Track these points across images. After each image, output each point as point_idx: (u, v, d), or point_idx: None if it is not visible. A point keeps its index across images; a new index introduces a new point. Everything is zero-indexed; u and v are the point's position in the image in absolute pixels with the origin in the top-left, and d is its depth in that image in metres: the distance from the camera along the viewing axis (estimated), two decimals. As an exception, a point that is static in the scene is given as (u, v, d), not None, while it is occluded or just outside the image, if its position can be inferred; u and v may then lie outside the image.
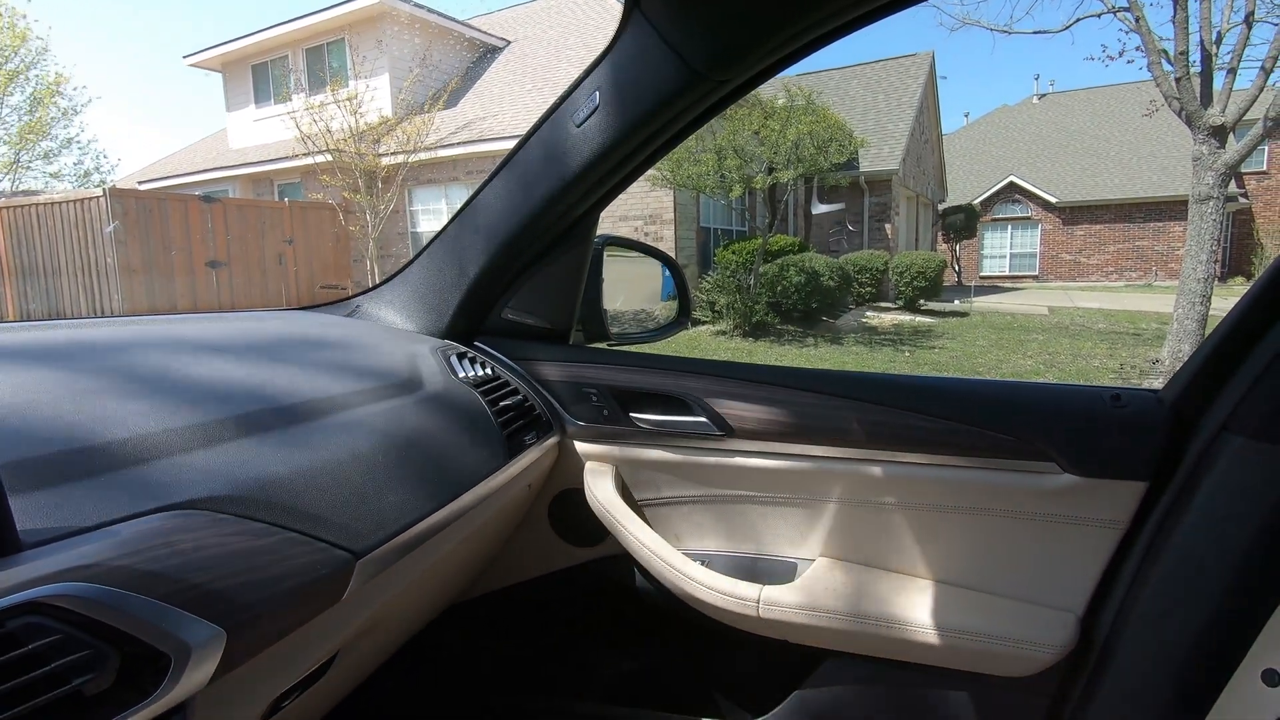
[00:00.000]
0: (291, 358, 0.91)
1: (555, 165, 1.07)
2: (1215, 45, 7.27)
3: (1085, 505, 0.98)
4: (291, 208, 12.02)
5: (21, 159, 18.06)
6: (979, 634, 0.99)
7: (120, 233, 9.52)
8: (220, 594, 0.52)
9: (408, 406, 0.91)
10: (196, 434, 0.63)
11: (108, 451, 0.56)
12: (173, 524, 0.53)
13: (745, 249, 10.36)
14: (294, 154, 11.88)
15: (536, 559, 1.30)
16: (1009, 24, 11.18)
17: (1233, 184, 16.12)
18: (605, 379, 1.18)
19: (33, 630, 0.42)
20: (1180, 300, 7.16)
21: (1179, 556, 0.90)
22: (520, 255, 1.17)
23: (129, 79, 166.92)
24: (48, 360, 0.69)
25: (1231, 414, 0.88)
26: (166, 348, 0.81)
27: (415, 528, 0.77)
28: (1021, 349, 8.83)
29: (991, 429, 1.01)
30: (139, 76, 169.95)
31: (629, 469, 1.21)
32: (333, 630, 0.71)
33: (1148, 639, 0.92)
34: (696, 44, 0.91)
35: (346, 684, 0.92)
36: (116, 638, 0.46)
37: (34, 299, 10.48)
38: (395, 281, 1.25)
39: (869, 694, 1.10)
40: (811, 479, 1.11)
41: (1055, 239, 22.36)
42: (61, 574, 0.44)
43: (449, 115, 12.37)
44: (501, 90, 12.87)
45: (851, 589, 1.07)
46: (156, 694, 0.47)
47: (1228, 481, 0.87)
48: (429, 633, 1.21)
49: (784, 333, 9.82)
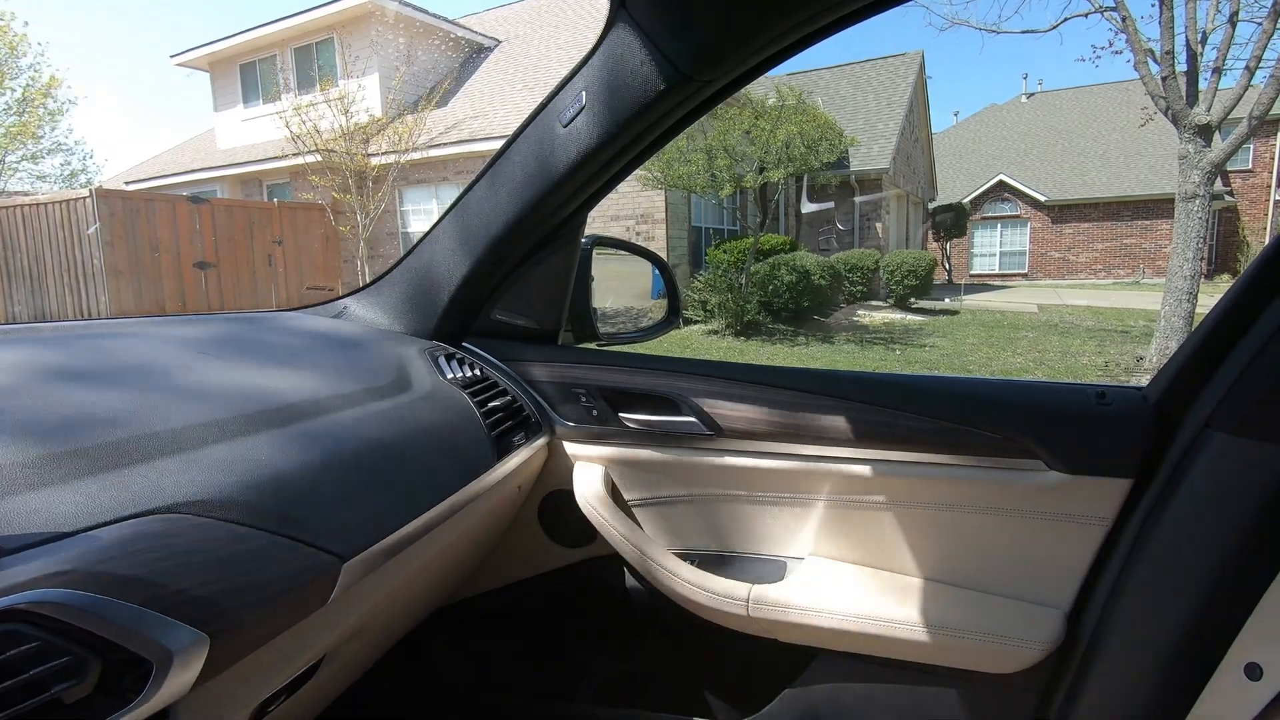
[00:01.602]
0: (277, 360, 0.91)
1: (542, 165, 1.07)
2: (1201, 45, 7.33)
3: (1071, 502, 0.99)
4: (280, 208, 11.94)
5: (8, 161, 17.87)
6: (967, 631, 1.00)
7: (103, 234, 9.43)
8: (203, 599, 0.52)
9: (395, 408, 0.90)
10: (179, 437, 0.63)
11: (88, 456, 0.55)
12: (154, 528, 0.53)
13: (736, 248, 10.38)
14: (283, 154, 11.80)
15: (526, 560, 1.29)
16: (997, 23, 11.27)
17: (1218, 182, 16.28)
18: (594, 379, 1.18)
19: (10, 638, 0.42)
20: (1167, 298, 7.22)
21: (1163, 552, 0.91)
22: (508, 256, 1.17)
23: (115, 78, 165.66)
24: (28, 364, 0.69)
25: (1214, 411, 0.89)
26: (150, 351, 0.81)
27: (402, 530, 0.76)
28: (1011, 347, 8.89)
29: (978, 427, 1.01)
30: (126, 76, 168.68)
31: (618, 469, 1.20)
32: (319, 634, 0.70)
33: (1133, 634, 0.93)
34: (682, 44, 0.91)
35: (335, 687, 0.91)
36: (97, 644, 0.45)
37: (19, 301, 10.38)
38: (383, 283, 1.25)
39: (858, 691, 1.10)
40: (800, 478, 1.11)
41: (1044, 237, 22.50)
42: (40, 580, 0.44)
43: (439, 115, 12.32)
44: (492, 90, 12.84)
45: (840, 587, 1.07)
46: (138, 701, 0.47)
47: (1211, 477, 0.88)
48: (418, 635, 1.20)
49: (775, 332, 9.84)
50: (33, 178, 19.12)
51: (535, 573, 1.30)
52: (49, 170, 21.93)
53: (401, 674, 1.31)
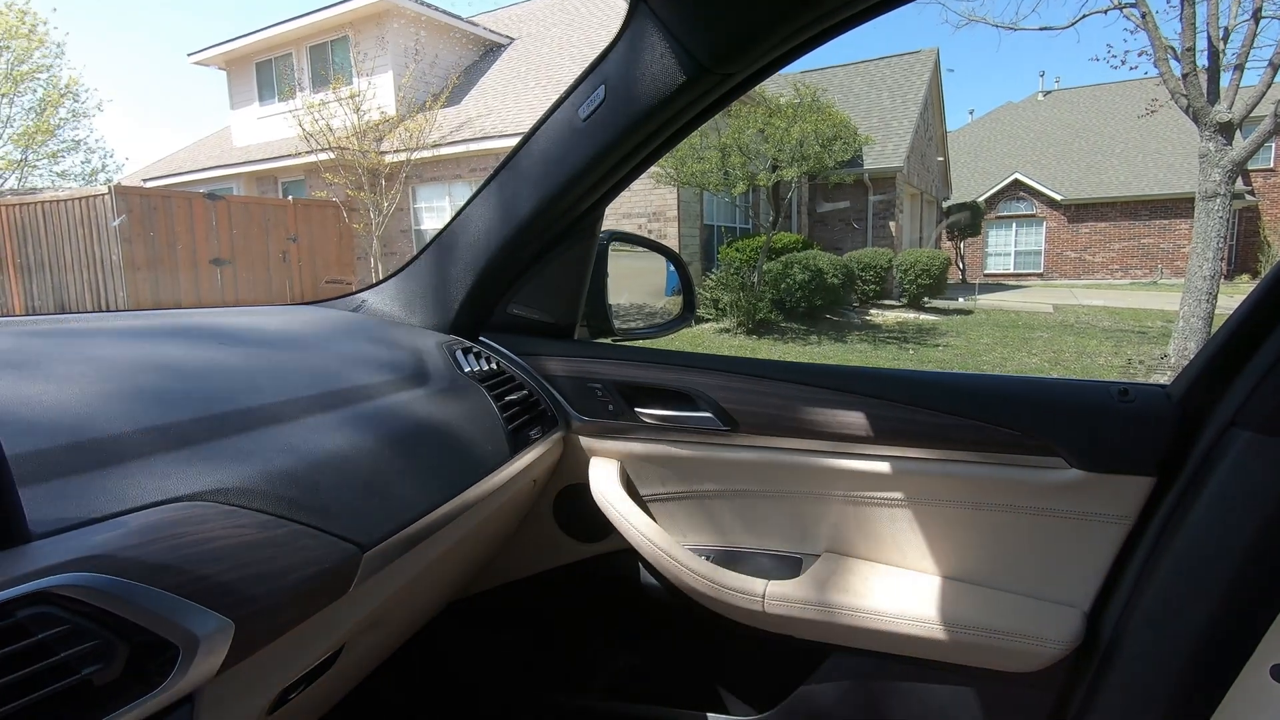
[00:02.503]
0: (298, 352, 0.91)
1: (561, 159, 1.07)
2: (1223, 41, 7.23)
3: (1092, 500, 0.98)
4: (295, 205, 12.04)
5: (29, 158, 18.11)
6: (984, 629, 0.99)
7: (126, 227, 9.55)
8: (228, 585, 0.52)
9: (414, 401, 0.91)
10: (204, 427, 0.63)
11: (116, 443, 0.56)
12: (181, 515, 0.53)
13: (749, 246, 10.35)
14: (297, 152, 11.89)
15: (541, 554, 1.30)
16: (1014, 20, 11.15)
17: (1239, 181, 16.05)
18: (610, 374, 1.18)
19: (42, 620, 0.42)
20: (1186, 298, 7.13)
21: (1186, 552, 0.90)
22: (525, 250, 1.17)
23: (133, 77, 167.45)
24: (56, 353, 0.70)
25: (1239, 409, 0.88)
26: (174, 341, 0.82)
27: (421, 521, 0.77)
28: (1026, 346, 8.81)
29: (997, 424, 1.00)
30: (143, 74, 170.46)
31: (634, 464, 1.20)
32: (339, 623, 0.71)
33: (1154, 634, 0.92)
34: (702, 37, 0.91)
35: (352, 677, 0.92)
36: (125, 628, 0.46)
37: (40, 295, 10.53)
38: (401, 276, 1.25)
39: (873, 689, 1.09)
40: (816, 474, 1.11)
41: (1060, 236, 22.28)
42: (70, 564, 0.45)
43: (452, 113, 12.36)
44: (504, 88, 12.86)
45: (856, 584, 1.07)
46: (164, 685, 0.47)
47: (1235, 476, 0.87)
48: (434, 628, 1.21)
49: (788, 330, 9.80)
50: (54, 175, 19.40)
51: (549, 567, 1.30)
52: (70, 168, 22.19)
53: (416, 666, 1.31)
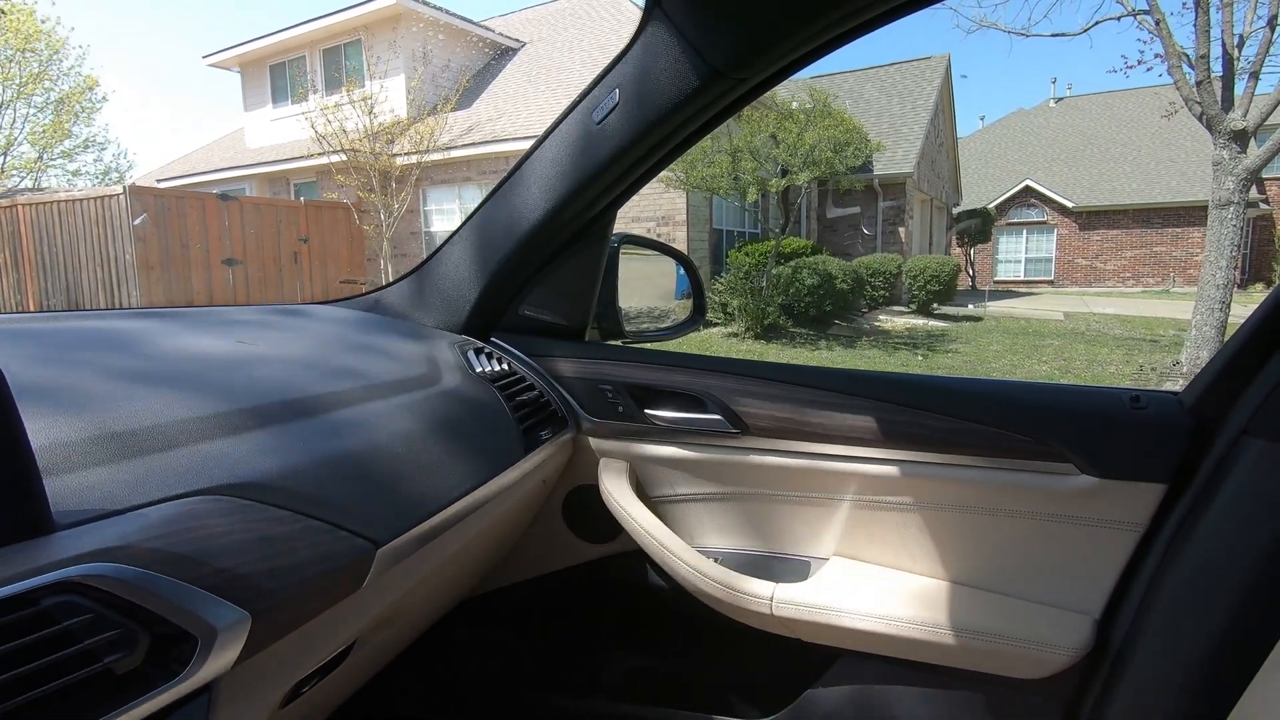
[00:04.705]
0: (313, 350, 0.92)
1: (574, 162, 1.08)
2: (1237, 49, 7.18)
3: (1103, 507, 0.98)
4: (307, 207, 12.12)
5: (44, 157, 18.32)
6: (994, 635, 0.99)
7: (145, 226, 9.65)
8: (245, 578, 0.53)
9: (426, 400, 0.92)
10: (222, 422, 0.64)
11: (137, 437, 0.57)
12: (200, 509, 0.54)
13: (758, 251, 10.34)
14: (310, 154, 11.98)
15: (550, 554, 1.30)
16: (1027, 26, 11.12)
17: (1254, 189, 15.91)
18: (621, 376, 1.19)
19: (66, 609, 0.43)
20: (1199, 306, 7.07)
21: (1198, 559, 0.89)
22: (537, 252, 1.18)
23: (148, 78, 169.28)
24: (78, 348, 0.71)
25: (1252, 417, 0.87)
26: (190, 338, 0.83)
27: (433, 519, 0.78)
28: (1036, 354, 8.76)
29: (1008, 429, 1.00)
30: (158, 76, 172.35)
31: (643, 466, 1.21)
32: (352, 618, 0.72)
33: (1165, 642, 0.91)
34: (716, 42, 0.92)
35: (362, 674, 0.93)
36: (147, 618, 0.47)
37: (55, 293, 10.64)
38: (414, 277, 1.27)
39: (882, 694, 1.09)
40: (826, 477, 1.11)
41: (1071, 244, 22.15)
42: (94, 554, 0.45)
43: (463, 116, 12.43)
44: (515, 91, 12.92)
45: (865, 588, 1.06)
46: (183, 674, 0.48)
47: (1248, 484, 0.86)
48: (443, 626, 1.22)
49: (796, 335, 9.78)
50: (68, 174, 19.61)
51: (558, 568, 1.30)
52: (83, 167, 22.42)
53: (425, 664, 1.32)
